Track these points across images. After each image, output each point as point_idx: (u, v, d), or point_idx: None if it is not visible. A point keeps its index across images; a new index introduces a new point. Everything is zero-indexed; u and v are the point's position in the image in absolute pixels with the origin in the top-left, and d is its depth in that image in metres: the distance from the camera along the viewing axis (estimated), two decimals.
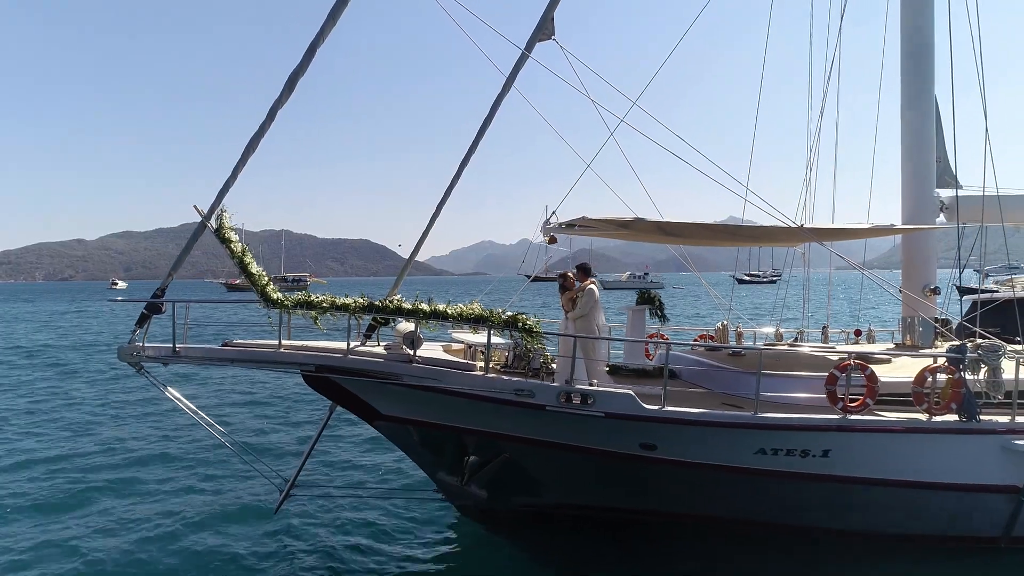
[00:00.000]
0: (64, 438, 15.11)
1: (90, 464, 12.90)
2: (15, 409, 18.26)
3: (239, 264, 8.74)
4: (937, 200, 11.04)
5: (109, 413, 17.90)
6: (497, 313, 8.00)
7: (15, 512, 10.39)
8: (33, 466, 12.74)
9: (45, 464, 12.86)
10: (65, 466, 12.77)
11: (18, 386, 22.24)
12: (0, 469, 12.56)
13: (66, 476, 12.12)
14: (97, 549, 9.02)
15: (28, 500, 10.86)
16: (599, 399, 7.62)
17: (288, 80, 8.77)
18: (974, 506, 8.18)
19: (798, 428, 7.71)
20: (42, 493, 11.21)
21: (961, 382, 7.82)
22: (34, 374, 25.15)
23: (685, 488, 8.48)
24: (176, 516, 10.10)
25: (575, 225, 9.58)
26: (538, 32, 9.88)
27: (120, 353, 8.16)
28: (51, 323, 54.11)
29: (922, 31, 10.73)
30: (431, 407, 8.41)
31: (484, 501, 9.36)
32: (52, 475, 12.19)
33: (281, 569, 8.51)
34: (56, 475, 12.18)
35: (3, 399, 19.89)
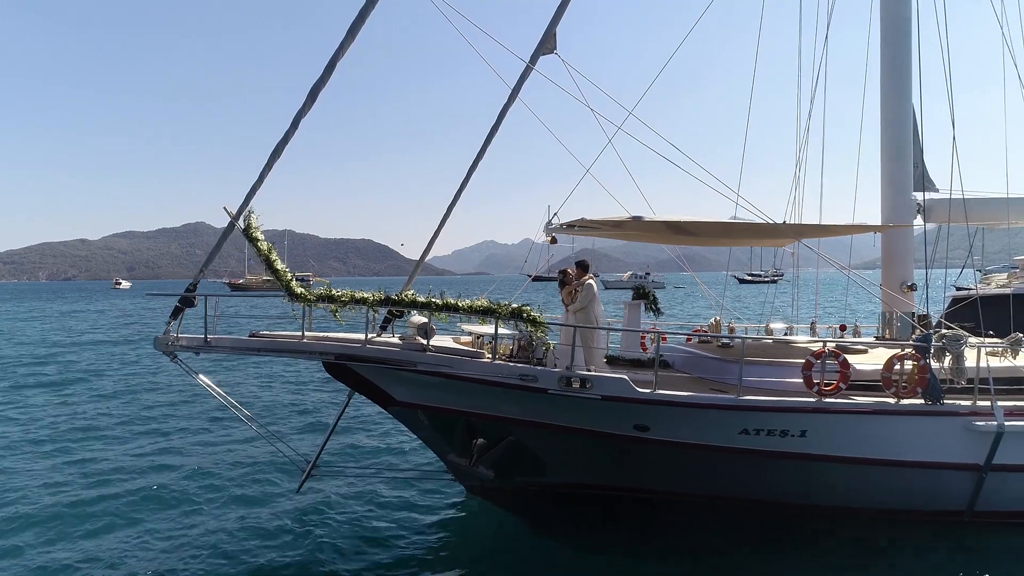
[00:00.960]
0: (102, 421, 16.39)
1: (127, 446, 14.08)
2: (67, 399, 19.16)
3: (265, 262, 9.38)
4: (914, 203, 11.78)
5: (142, 400, 19.21)
6: (504, 305, 8.76)
7: (58, 481, 11.38)
8: (76, 446, 13.88)
9: (85, 444, 14.09)
10: (103, 446, 13.97)
11: (57, 382, 23.16)
12: (45, 445, 13.71)
13: (103, 454, 13.25)
14: (131, 521, 9.90)
15: (71, 474, 11.88)
16: (596, 383, 8.38)
17: (310, 92, 9.48)
18: (939, 482, 8.92)
19: (777, 410, 8.47)
20: (79, 468, 12.25)
21: (926, 368, 8.57)
22: (64, 368, 26.12)
23: (676, 466, 9.23)
24: (206, 493, 11.00)
25: (575, 226, 10.35)
26: (541, 47, 10.62)
27: (156, 343, 8.87)
28: (74, 321, 55.05)
29: (899, 44, 11.45)
30: (442, 393, 9.15)
31: (491, 480, 10.09)
32: (93, 452, 13.36)
33: (305, 540, 9.27)
34: (93, 453, 13.33)
35: (46, 391, 20.91)
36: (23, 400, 19.33)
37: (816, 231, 10.75)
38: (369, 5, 9.72)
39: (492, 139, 10.41)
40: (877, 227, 11.03)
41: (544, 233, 11.07)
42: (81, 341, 37.16)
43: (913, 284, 11.49)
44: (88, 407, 18.24)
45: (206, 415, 16.78)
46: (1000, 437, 8.58)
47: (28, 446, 14.11)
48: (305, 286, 9.34)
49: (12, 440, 14.54)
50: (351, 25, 9.69)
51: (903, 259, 11.52)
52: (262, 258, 9.39)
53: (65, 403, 18.88)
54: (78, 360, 28.54)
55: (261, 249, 9.25)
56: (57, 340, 37.89)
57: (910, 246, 11.60)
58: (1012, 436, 8.59)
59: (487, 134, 10.48)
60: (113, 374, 24.51)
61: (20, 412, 17.61)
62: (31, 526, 9.78)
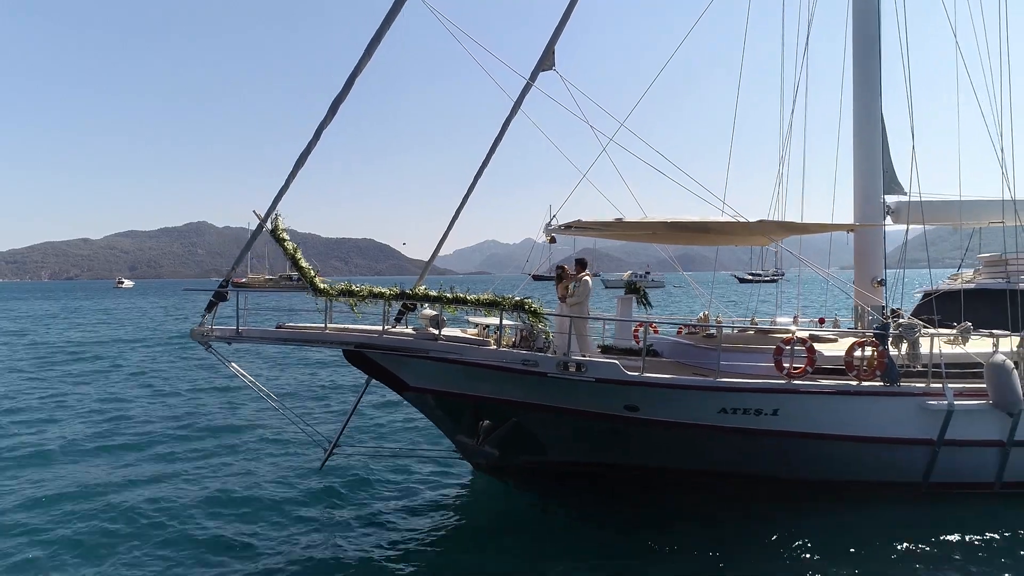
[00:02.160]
0: (138, 407, 18.03)
1: (162, 428, 15.55)
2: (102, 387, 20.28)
3: (291, 260, 10.37)
4: (883, 205, 12.79)
5: (176, 388, 20.90)
6: (507, 299, 9.79)
7: (98, 460, 12.50)
8: (116, 431, 15.21)
9: (125, 425, 15.61)
10: (140, 427, 15.53)
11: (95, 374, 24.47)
12: (86, 427, 14.79)
13: (139, 435, 14.72)
14: (167, 496, 10.94)
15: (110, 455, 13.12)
16: (590, 367, 9.41)
17: (331, 106, 10.40)
18: (898, 456, 9.94)
19: (751, 391, 9.51)
20: (118, 449, 13.51)
21: (884, 354, 9.61)
22: (95, 363, 27.39)
23: (663, 444, 10.25)
24: (237, 469, 12.18)
25: (571, 227, 11.37)
26: (541, 64, 11.64)
27: (192, 334, 9.87)
28: (87, 319, 56.21)
29: (868, 60, 12.43)
30: (451, 379, 10.16)
31: (496, 459, 11.08)
32: (129, 433, 14.88)
33: (326, 513, 10.31)
34: (129, 434, 14.84)
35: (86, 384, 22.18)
36: (69, 390, 20.85)
37: (788, 229, 11.76)
38: (385, 25, 10.64)
39: (496, 149, 11.43)
40: (846, 226, 12.02)
41: (544, 233, 12.09)
42: (137, 338, 38.68)
43: (883, 280, 12.49)
44: (131, 393, 20.22)
45: (237, 401, 18.37)
46: (951, 415, 9.61)
47: (80, 426, 15.75)
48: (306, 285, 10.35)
49: (70, 419, 15.95)
50: (368, 45, 10.61)
51: (873, 257, 12.50)
52: (288, 257, 10.34)
53: (111, 393, 20.39)
54: (119, 355, 30.30)
55: (287, 249, 10.18)
56: (101, 337, 39.32)
57: (880, 245, 12.59)
58: (961, 414, 9.63)
59: (491, 145, 11.49)
60: (149, 364, 26.54)
61: (71, 397, 19.36)
62: (79, 488, 11.13)
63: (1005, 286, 12.63)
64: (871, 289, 12.37)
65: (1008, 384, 9.47)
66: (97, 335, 40.89)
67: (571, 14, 11.85)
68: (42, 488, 11.28)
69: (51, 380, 22.80)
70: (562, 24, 11.83)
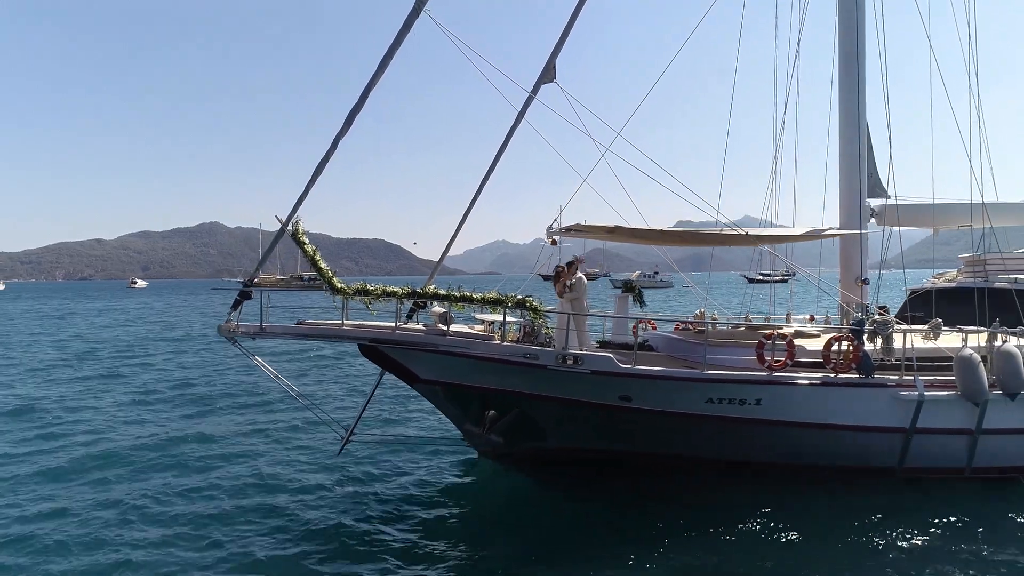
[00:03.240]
0: (169, 397, 19.43)
1: (194, 415, 16.94)
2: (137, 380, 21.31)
3: (311, 261, 11.22)
4: (868, 208, 13.53)
5: (208, 380, 22.32)
6: (510, 297, 10.60)
7: (127, 445, 13.44)
8: (148, 418, 16.11)
9: (155, 413, 16.67)
10: (172, 415, 16.84)
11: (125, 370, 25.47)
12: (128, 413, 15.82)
13: (169, 423, 15.85)
14: (194, 477, 11.88)
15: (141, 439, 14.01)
16: (586, 360, 10.20)
17: (347, 117, 11.17)
18: (873, 443, 10.67)
19: (734, 382, 10.27)
20: (150, 437, 14.40)
21: (859, 347, 10.35)
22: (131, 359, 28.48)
23: (655, 431, 11.01)
24: (261, 454, 13.14)
25: (572, 230, 12.16)
26: (542, 77, 12.42)
27: (220, 330, 10.73)
28: (118, 318, 57.54)
29: (853, 73, 13.22)
30: (459, 371, 10.95)
31: (501, 446, 11.86)
32: (163, 419, 16.27)
33: (344, 495, 11.13)
34: (162, 422, 16.02)
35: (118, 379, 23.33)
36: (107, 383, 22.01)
37: (774, 239, 12.51)
38: (397, 41, 11.42)
39: (500, 157, 12.23)
40: (824, 234, 12.76)
41: (547, 235, 12.88)
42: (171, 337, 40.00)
43: (866, 279, 13.23)
44: (161, 385, 21.64)
45: (260, 393, 19.55)
46: (921, 405, 10.34)
47: (117, 413, 17.04)
48: (318, 285, 11.20)
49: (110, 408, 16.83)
50: (381, 60, 11.39)
51: (857, 258, 13.25)
52: (308, 259, 11.17)
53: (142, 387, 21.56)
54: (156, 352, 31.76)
55: (308, 252, 10.98)
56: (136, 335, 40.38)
57: (864, 247, 13.34)
58: (931, 404, 10.36)
59: (496, 153, 12.33)
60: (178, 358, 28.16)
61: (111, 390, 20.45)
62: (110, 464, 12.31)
63: (983, 284, 13.32)
64: (855, 288, 13.12)
65: (975, 376, 10.19)
66: (139, 332, 42.61)
67: (571, 30, 12.61)
68: (80, 465, 12.34)
69: (97, 377, 23.97)
70: (562, 39, 12.57)
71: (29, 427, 15.80)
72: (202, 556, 8.81)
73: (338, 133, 11.21)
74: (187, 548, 9.06)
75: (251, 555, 8.77)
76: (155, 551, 8.95)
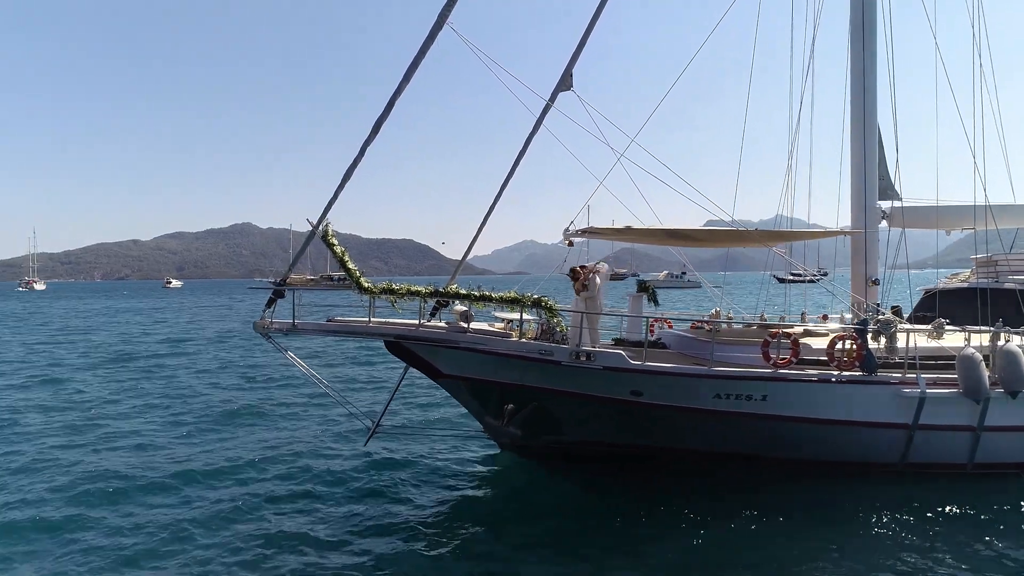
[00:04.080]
0: (215, 388, 20.82)
1: (228, 405, 18.03)
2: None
3: (340, 262, 11.86)
4: (879, 210, 13.83)
5: (242, 374, 23.49)
6: (527, 296, 11.16)
7: (175, 434, 14.26)
8: (192, 409, 17.30)
9: (195, 405, 17.81)
10: (208, 407, 17.94)
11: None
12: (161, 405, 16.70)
13: (207, 413, 17.00)
14: (226, 464, 12.72)
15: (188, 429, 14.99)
16: (598, 357, 10.73)
17: (374, 126, 11.67)
18: (876, 438, 11.02)
19: (741, 378, 10.72)
20: (192, 426, 15.51)
21: (863, 346, 10.73)
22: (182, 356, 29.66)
23: (665, 425, 11.49)
24: (292, 444, 13.97)
25: (586, 232, 12.69)
26: (560, 85, 12.94)
27: (255, 326, 11.43)
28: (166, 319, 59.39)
29: (865, 76, 13.54)
30: (480, 367, 11.53)
31: (520, 439, 12.45)
32: (200, 410, 17.25)
33: (369, 483, 11.80)
34: (202, 413, 17.13)
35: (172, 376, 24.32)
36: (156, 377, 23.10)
37: (780, 237, 12.90)
38: (421, 53, 11.95)
39: (519, 163, 12.77)
40: (833, 232, 13.12)
41: (563, 237, 13.41)
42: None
43: (877, 279, 13.55)
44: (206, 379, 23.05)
45: (292, 387, 20.69)
46: (923, 402, 10.68)
47: (162, 402, 17.81)
48: (347, 285, 11.85)
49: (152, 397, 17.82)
50: (406, 71, 11.91)
51: (869, 259, 13.56)
52: (338, 260, 11.80)
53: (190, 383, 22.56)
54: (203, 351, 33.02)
55: (337, 253, 11.61)
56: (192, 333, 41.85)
57: (875, 248, 13.65)
58: (933, 401, 10.69)
59: (515, 158, 12.86)
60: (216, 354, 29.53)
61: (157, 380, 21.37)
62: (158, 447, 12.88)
63: (988, 285, 13.56)
64: (867, 288, 13.44)
65: (976, 374, 10.50)
66: (177, 329, 44.26)
67: (587, 40, 13.10)
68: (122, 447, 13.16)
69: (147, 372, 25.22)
70: (579, 50, 13.05)
71: (73, 414, 16.83)
72: (236, 534, 9.55)
73: (365, 140, 11.75)
74: (216, 529, 9.77)
75: (281, 536, 9.47)
76: (186, 530, 9.69)
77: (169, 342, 36.65)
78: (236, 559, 8.81)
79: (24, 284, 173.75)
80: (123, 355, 30.46)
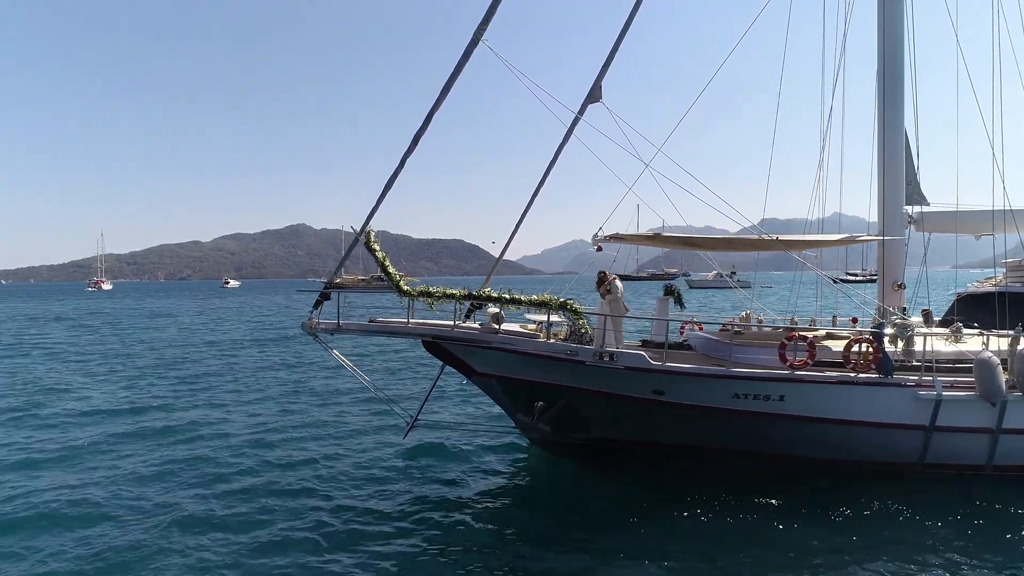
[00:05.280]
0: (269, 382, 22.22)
1: (278, 400, 19.31)
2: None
3: (380, 266, 12.66)
4: (906, 215, 14.01)
5: (290, 370, 25.14)
6: (554, 299, 11.80)
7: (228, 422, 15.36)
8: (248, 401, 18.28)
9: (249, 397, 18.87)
10: (261, 400, 19.40)
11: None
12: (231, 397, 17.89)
13: (256, 407, 18.24)
14: (276, 452, 13.77)
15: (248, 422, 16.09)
16: (620, 357, 11.29)
17: (413, 138, 12.32)
18: (896, 439, 11.28)
19: (758, 379, 11.14)
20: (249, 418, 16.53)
21: (879, 349, 11.04)
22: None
23: (686, 424, 11.97)
24: (336, 436, 15.01)
25: (613, 238, 13.23)
26: (589, 97, 13.50)
27: (303, 326, 12.33)
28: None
29: (893, 83, 13.75)
30: (511, 365, 12.20)
31: (549, 435, 13.04)
32: (253, 405, 18.48)
33: (407, 473, 12.62)
34: (252, 406, 18.37)
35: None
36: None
37: (803, 244, 13.21)
38: (457, 69, 12.61)
39: (550, 172, 13.41)
40: (856, 239, 13.36)
41: (592, 242, 13.98)
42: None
43: (902, 283, 13.74)
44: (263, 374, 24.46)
45: (337, 383, 21.86)
46: (939, 404, 10.93)
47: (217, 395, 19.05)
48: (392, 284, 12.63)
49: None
50: (443, 86, 12.59)
51: (895, 263, 13.78)
52: (379, 264, 12.65)
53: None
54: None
55: (378, 257, 12.39)
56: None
57: (901, 252, 13.85)
58: (949, 403, 10.93)
59: (547, 166, 13.48)
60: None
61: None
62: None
63: (1012, 289, 13.59)
64: (892, 291, 13.66)
65: (992, 377, 10.71)
66: (235, 329, 46.56)
67: (616, 53, 13.65)
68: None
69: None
70: (608, 61, 13.58)
71: (137, 406, 18.19)
72: (289, 511, 10.53)
73: (405, 152, 12.47)
74: (261, 513, 10.64)
75: (324, 520, 10.33)
76: (232, 514, 10.61)
77: (225, 340, 38.49)
78: (288, 534, 9.75)
79: (93, 284, 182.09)
80: (175, 358, 32.15)
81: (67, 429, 16.10)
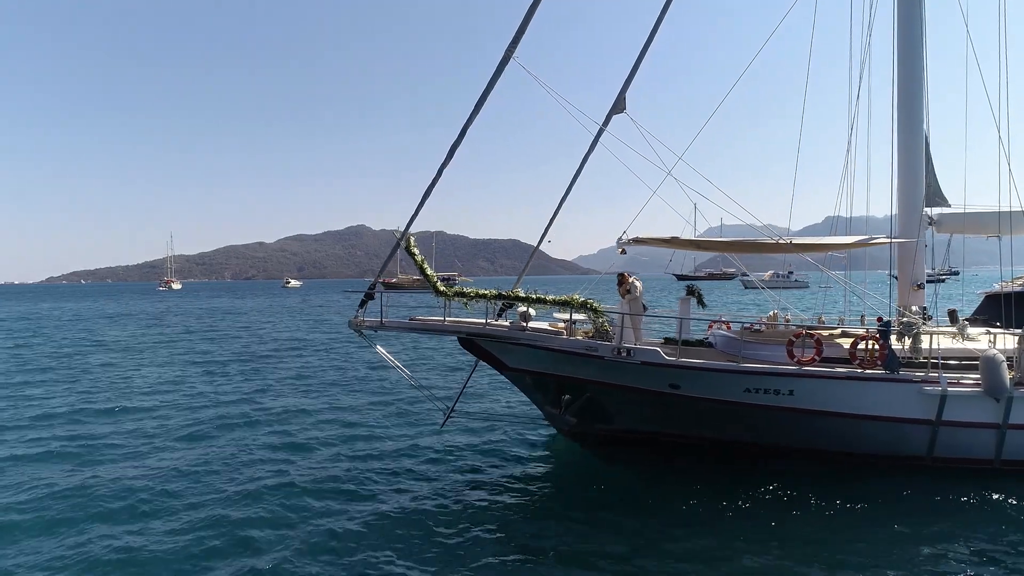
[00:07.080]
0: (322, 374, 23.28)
1: (325, 393, 20.63)
2: None
3: (419, 268, 13.73)
4: (926, 216, 14.32)
5: (336, 365, 25.96)
6: (575, 299, 12.67)
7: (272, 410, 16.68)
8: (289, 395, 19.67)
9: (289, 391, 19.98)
10: (309, 392, 20.49)
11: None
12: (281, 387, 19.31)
13: (304, 398, 19.21)
14: (322, 438, 15.06)
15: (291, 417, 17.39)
16: (637, 353, 12.09)
17: (449, 151, 13.36)
18: (904, 433, 11.74)
19: (767, 374, 11.78)
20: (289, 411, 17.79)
21: (886, 346, 11.54)
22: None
23: (701, 416, 12.66)
24: (379, 426, 16.16)
25: (635, 241, 14.01)
26: (614, 109, 14.27)
27: (349, 324, 13.45)
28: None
29: (912, 88, 14.10)
30: (540, 361, 13.10)
31: (575, 426, 13.91)
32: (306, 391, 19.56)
33: (443, 461, 13.65)
34: (299, 397, 19.33)
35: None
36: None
37: (818, 247, 13.70)
38: (490, 86, 13.43)
39: (577, 179, 14.26)
40: (872, 242, 13.77)
41: (617, 245, 14.78)
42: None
43: (922, 284, 14.10)
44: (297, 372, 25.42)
45: (380, 377, 23.48)
46: (945, 399, 11.36)
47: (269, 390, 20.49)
48: (450, 284, 13.72)
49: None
50: (477, 102, 13.50)
51: (914, 263, 14.13)
52: (417, 266, 13.73)
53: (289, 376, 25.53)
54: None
55: (416, 260, 13.47)
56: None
57: (921, 253, 14.19)
58: (955, 399, 11.35)
59: (572, 176, 14.35)
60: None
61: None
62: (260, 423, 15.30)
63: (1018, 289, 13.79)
64: (912, 291, 14.04)
65: (997, 374, 11.09)
66: (291, 326, 48.51)
67: (640, 65, 14.39)
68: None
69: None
70: (632, 74, 14.32)
71: (188, 399, 19.82)
72: (338, 494, 11.65)
73: (442, 164, 13.38)
74: (305, 495, 11.67)
75: (369, 503, 11.40)
76: (279, 497, 11.60)
77: (281, 336, 40.55)
78: (336, 510, 10.91)
79: (163, 284, 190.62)
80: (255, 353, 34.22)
81: (168, 417, 17.84)
